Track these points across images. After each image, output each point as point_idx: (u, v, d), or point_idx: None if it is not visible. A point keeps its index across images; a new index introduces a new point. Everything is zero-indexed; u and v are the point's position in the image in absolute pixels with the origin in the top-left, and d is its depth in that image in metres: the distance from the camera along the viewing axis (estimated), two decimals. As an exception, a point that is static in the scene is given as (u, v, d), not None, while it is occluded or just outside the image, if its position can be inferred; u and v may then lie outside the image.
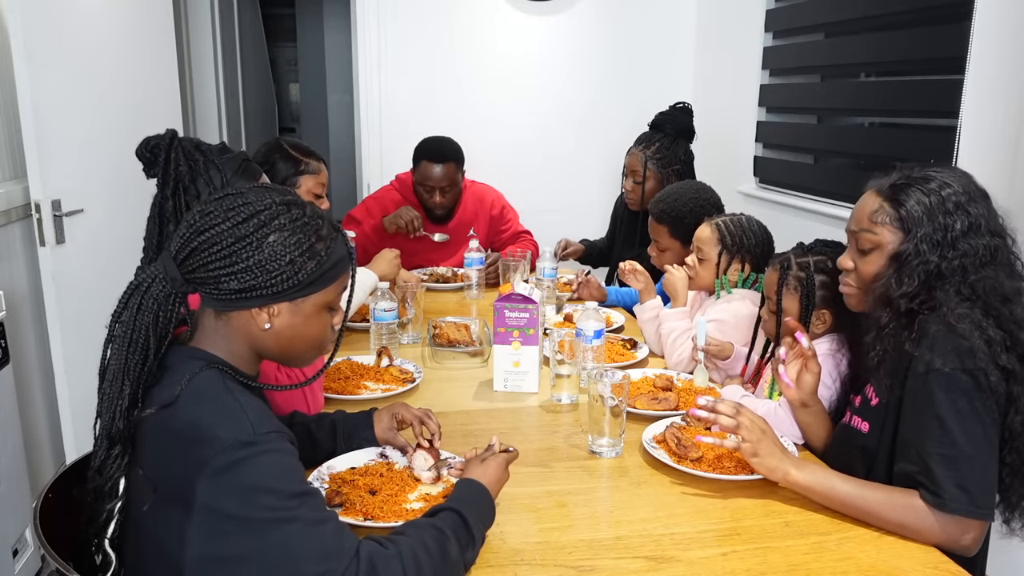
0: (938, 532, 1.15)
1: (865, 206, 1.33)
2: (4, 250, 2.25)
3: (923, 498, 1.16)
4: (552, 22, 3.55)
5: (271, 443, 0.94)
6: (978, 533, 1.16)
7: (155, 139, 1.43)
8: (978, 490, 1.14)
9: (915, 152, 2.27)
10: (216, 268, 0.99)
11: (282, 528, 0.90)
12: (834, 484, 1.23)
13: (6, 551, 2.04)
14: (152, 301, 1.00)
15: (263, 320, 1.03)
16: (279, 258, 1.00)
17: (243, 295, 1.01)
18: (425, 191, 2.77)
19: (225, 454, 0.91)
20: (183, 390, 0.97)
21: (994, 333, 1.18)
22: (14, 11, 2.03)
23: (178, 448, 0.95)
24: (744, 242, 1.93)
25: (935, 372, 1.17)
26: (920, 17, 2.31)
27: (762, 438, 1.27)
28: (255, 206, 1.01)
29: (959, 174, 1.29)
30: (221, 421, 0.94)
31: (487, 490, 1.14)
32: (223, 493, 0.90)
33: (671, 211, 2.23)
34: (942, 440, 1.16)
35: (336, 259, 1.06)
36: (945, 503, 1.14)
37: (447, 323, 2.06)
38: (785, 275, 1.57)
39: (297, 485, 0.94)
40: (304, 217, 1.03)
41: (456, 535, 1.03)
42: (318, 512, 0.93)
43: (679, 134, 2.73)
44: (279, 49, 7.49)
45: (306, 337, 1.08)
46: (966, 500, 1.13)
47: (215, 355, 1.05)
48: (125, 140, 2.67)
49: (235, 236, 0.99)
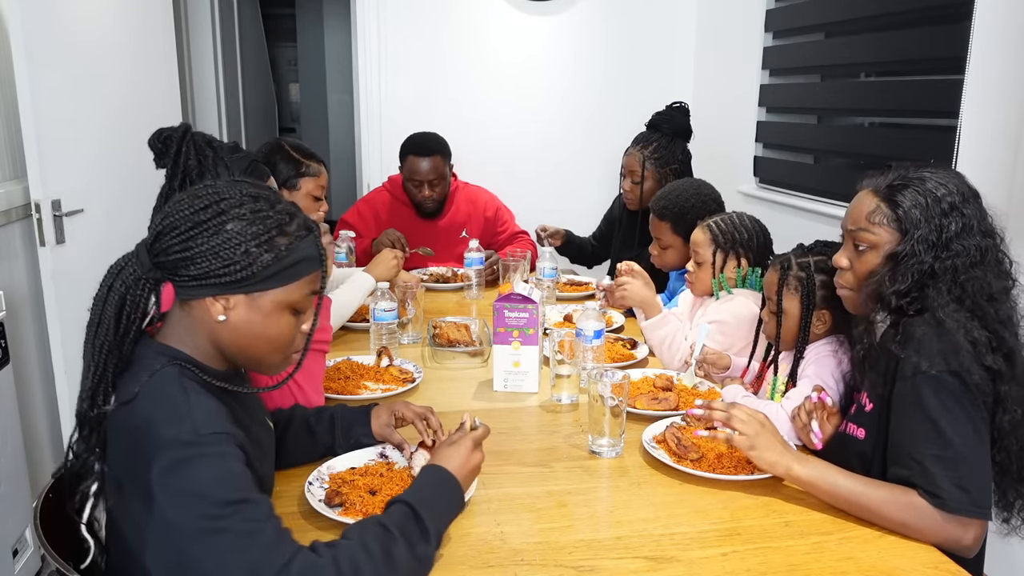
0: (939, 531, 1.15)
1: (862, 206, 1.33)
2: (4, 250, 2.25)
3: (923, 498, 1.16)
4: (552, 22, 3.55)
5: (212, 445, 0.93)
6: (979, 532, 1.16)
7: (168, 131, 1.43)
8: (976, 489, 1.14)
9: (915, 152, 2.26)
10: (176, 252, 1.00)
11: (213, 538, 0.89)
12: (837, 480, 1.23)
13: (6, 551, 2.04)
14: (122, 284, 1.01)
15: (218, 311, 1.02)
16: (234, 246, 0.99)
17: (199, 281, 1.00)
18: (414, 186, 2.78)
19: (166, 454, 0.91)
20: (142, 387, 0.97)
21: (979, 334, 1.19)
22: (14, 11, 2.03)
23: (134, 446, 0.95)
24: (736, 237, 1.93)
25: (922, 375, 1.18)
26: (920, 17, 2.31)
27: (760, 431, 1.27)
28: (220, 194, 1.01)
29: (952, 175, 1.30)
30: (166, 420, 0.94)
31: (451, 476, 1.11)
32: (165, 496, 0.90)
33: (673, 207, 2.22)
34: (936, 442, 1.16)
35: (300, 257, 1.03)
36: (946, 503, 1.14)
37: (447, 323, 2.06)
38: (785, 275, 1.57)
39: (232, 492, 0.92)
40: (269, 211, 1.02)
41: (404, 532, 0.99)
42: (251, 523, 0.91)
43: (676, 134, 2.73)
44: (279, 49, 7.48)
45: (266, 337, 1.05)
46: (966, 500, 1.14)
47: (181, 351, 1.04)
48: (125, 140, 2.69)
49: (194, 221, 0.99)
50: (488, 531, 1.18)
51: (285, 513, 1.21)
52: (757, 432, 1.27)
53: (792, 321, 1.57)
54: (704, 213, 2.15)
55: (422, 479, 1.11)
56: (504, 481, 1.34)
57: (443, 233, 2.90)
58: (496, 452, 1.45)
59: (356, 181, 4.21)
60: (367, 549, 0.95)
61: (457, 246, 2.88)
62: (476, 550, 1.13)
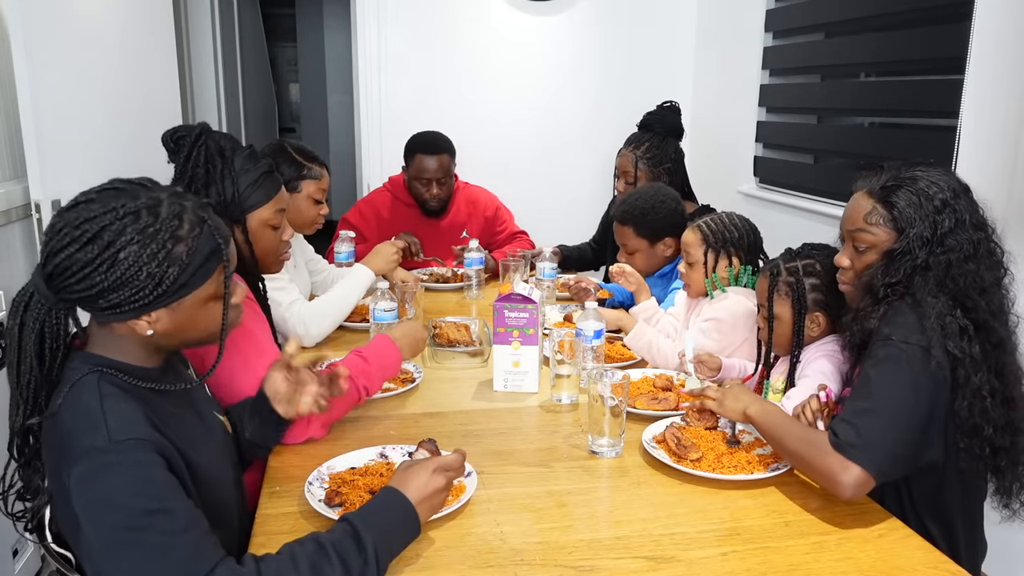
0: (820, 463, 1.22)
1: (858, 207, 1.38)
2: (4, 250, 2.25)
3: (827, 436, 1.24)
4: (552, 22, 3.55)
5: (126, 453, 0.91)
6: (859, 480, 1.19)
7: (183, 131, 1.42)
8: (872, 442, 1.20)
9: (915, 152, 2.26)
10: (78, 292, 0.97)
11: (128, 551, 0.87)
12: (776, 419, 1.32)
13: (6, 551, 2.04)
14: (32, 319, 0.98)
15: (143, 328, 1.01)
16: (135, 274, 0.96)
17: (113, 311, 0.98)
18: (421, 184, 2.78)
19: (81, 463, 0.90)
20: (64, 399, 0.96)
21: (951, 320, 1.24)
22: (14, 11, 2.03)
23: (57, 458, 0.94)
24: (727, 236, 1.93)
25: (882, 340, 1.27)
26: (920, 17, 2.31)
27: (727, 392, 1.39)
28: (100, 221, 0.95)
29: (942, 172, 1.35)
30: (80, 429, 0.93)
31: (405, 499, 1.06)
32: (80, 507, 0.89)
33: (632, 211, 2.26)
34: (862, 393, 1.25)
35: (203, 256, 1.02)
36: (838, 441, 1.21)
37: (447, 323, 2.06)
38: (775, 281, 1.58)
39: (148, 502, 0.89)
40: (156, 223, 0.98)
41: (340, 552, 0.96)
42: (166, 535, 0.89)
43: (668, 133, 2.75)
44: (279, 49, 7.49)
45: (199, 328, 1.06)
46: (856, 443, 1.19)
47: (107, 357, 1.03)
48: (125, 140, 2.68)
49: (83, 260, 0.95)
50: (488, 531, 1.18)
51: (285, 513, 1.22)
52: (724, 394, 1.40)
53: (785, 326, 1.59)
54: (664, 213, 2.22)
55: (375, 500, 1.08)
56: (504, 481, 1.34)
57: (444, 233, 2.90)
58: (496, 452, 1.45)
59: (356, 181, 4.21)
60: (296, 564, 0.93)
61: (457, 245, 2.88)
62: (476, 550, 1.13)
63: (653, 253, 2.29)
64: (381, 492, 1.09)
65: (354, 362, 1.52)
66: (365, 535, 0.99)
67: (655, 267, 2.32)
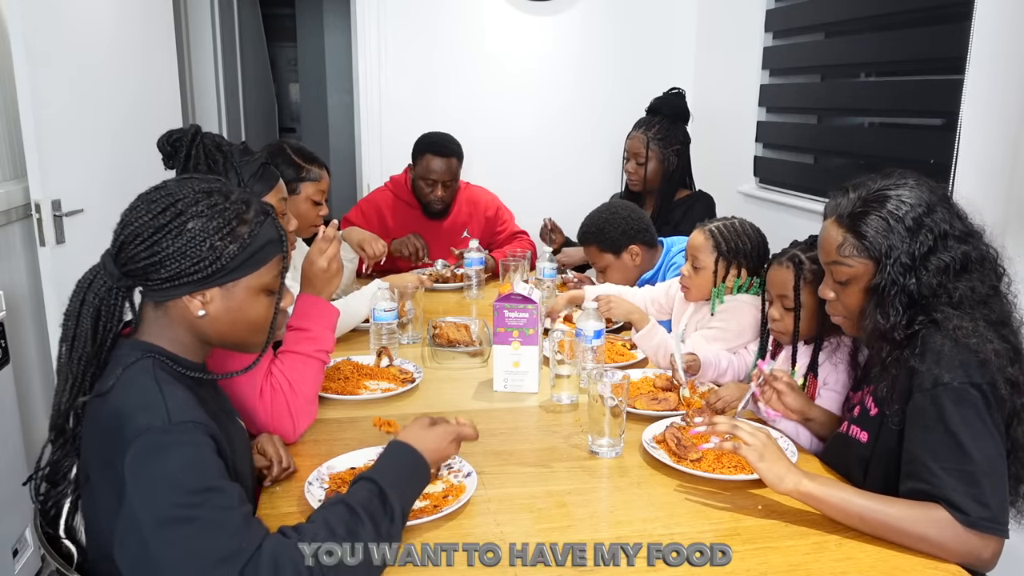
0: (960, 547, 1.12)
1: (829, 238, 1.32)
2: (4, 250, 2.25)
3: (947, 512, 1.13)
4: (552, 22, 3.54)
5: (183, 434, 0.95)
6: (997, 548, 1.13)
7: (177, 133, 1.44)
8: (996, 505, 1.12)
9: (915, 152, 2.26)
10: (143, 259, 1.02)
11: (184, 526, 0.90)
12: (850, 497, 1.18)
13: (6, 551, 2.04)
14: (94, 296, 1.04)
15: (196, 307, 1.06)
16: (199, 244, 1.03)
17: (171, 283, 1.03)
18: (427, 185, 2.78)
19: (139, 442, 0.92)
20: (117, 380, 1.00)
21: (999, 345, 1.17)
22: (14, 11, 2.03)
23: (107, 437, 0.97)
24: (739, 247, 1.91)
25: (943, 386, 1.15)
26: (920, 17, 2.31)
27: (768, 442, 1.25)
28: (175, 195, 1.04)
29: (913, 185, 1.26)
30: (139, 409, 0.96)
31: (417, 453, 1.13)
32: (136, 485, 0.91)
33: (590, 229, 2.33)
34: (958, 456, 1.13)
35: (263, 242, 1.08)
36: (970, 518, 1.11)
37: (447, 323, 2.06)
38: (800, 270, 1.58)
39: (203, 480, 0.93)
40: (224, 203, 1.06)
41: (370, 512, 1.01)
42: (221, 511, 0.92)
43: (676, 116, 2.83)
44: (279, 49, 7.48)
45: (247, 321, 1.10)
46: (988, 515, 1.11)
47: (157, 345, 1.07)
48: (125, 140, 2.68)
49: (155, 226, 1.02)
50: (488, 531, 1.18)
51: (285, 513, 1.22)
52: (765, 443, 1.24)
53: (809, 313, 1.59)
54: (619, 222, 2.28)
55: (387, 456, 1.12)
56: (504, 481, 1.34)
57: (446, 233, 2.90)
58: (496, 452, 1.45)
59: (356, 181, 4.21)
60: (333, 532, 0.97)
61: (458, 246, 2.88)
62: (476, 550, 1.13)
63: (623, 264, 2.33)
64: (396, 447, 1.13)
65: (291, 337, 1.51)
66: (389, 493, 1.04)
67: (632, 278, 2.35)
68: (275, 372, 1.45)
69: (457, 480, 1.30)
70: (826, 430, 1.49)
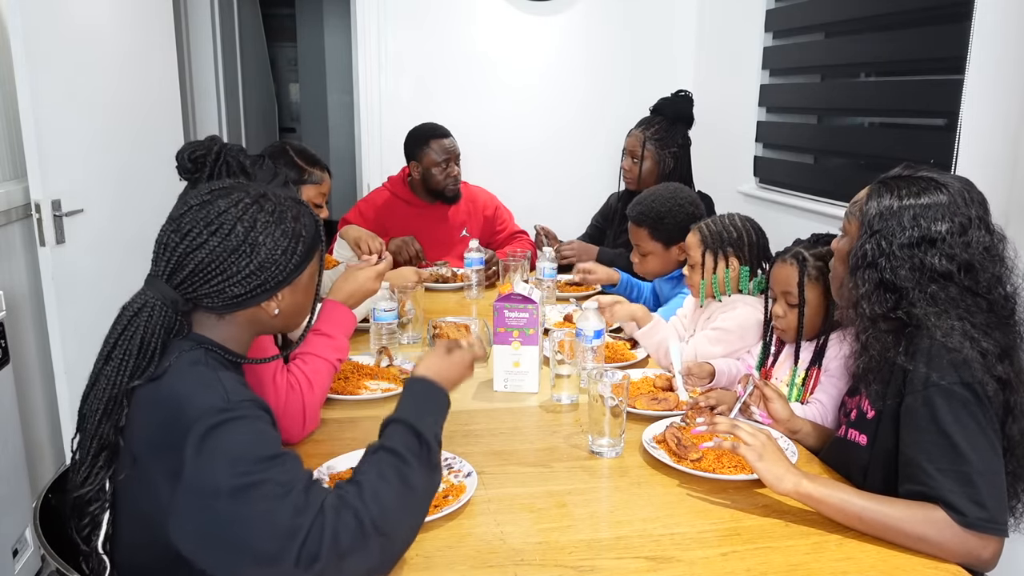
0: (959, 547, 1.12)
1: (859, 194, 1.33)
2: (4, 250, 2.25)
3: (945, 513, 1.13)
4: (552, 22, 3.54)
5: (244, 410, 0.99)
6: (996, 548, 1.13)
7: (200, 150, 1.42)
8: (994, 505, 1.12)
9: (915, 152, 2.26)
10: (218, 281, 1.05)
11: (257, 489, 0.93)
12: (849, 498, 1.18)
13: (6, 551, 2.04)
14: (158, 325, 1.05)
15: (272, 308, 1.12)
16: (275, 253, 1.08)
17: (248, 296, 1.08)
18: (440, 169, 2.81)
19: (202, 421, 0.95)
20: (171, 365, 1.02)
21: (987, 344, 1.17)
22: (14, 11, 2.03)
23: (162, 419, 0.99)
24: (724, 236, 1.91)
25: (934, 387, 1.15)
26: (920, 17, 2.31)
27: (767, 442, 1.25)
28: (233, 213, 1.06)
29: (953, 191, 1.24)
30: (198, 391, 0.99)
31: (436, 385, 1.16)
32: (204, 461, 0.94)
33: (649, 213, 2.21)
34: (952, 457, 1.13)
35: (313, 232, 1.15)
36: (967, 519, 1.11)
37: (447, 323, 2.06)
38: (804, 267, 1.59)
39: (268, 449, 0.97)
40: (279, 204, 1.10)
41: (412, 451, 1.04)
42: (288, 473, 0.96)
43: (678, 119, 2.81)
44: (279, 49, 7.48)
45: (304, 307, 1.19)
46: (985, 516, 1.11)
47: (206, 337, 1.10)
48: (125, 140, 2.69)
49: (228, 249, 1.05)
50: (488, 531, 1.18)
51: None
52: (764, 444, 1.25)
53: (812, 310, 1.60)
54: (681, 217, 2.16)
55: (413, 392, 1.15)
56: (504, 481, 1.34)
57: (444, 232, 2.90)
58: (496, 452, 1.45)
59: (356, 181, 4.21)
60: (385, 477, 1.00)
61: (457, 245, 2.88)
62: (476, 550, 1.13)
63: (667, 257, 2.24)
64: (422, 384, 1.16)
65: (318, 342, 1.55)
66: (422, 430, 1.07)
67: (668, 270, 2.29)
68: (295, 371, 1.47)
69: (457, 480, 1.30)
70: (812, 441, 1.49)
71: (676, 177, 2.76)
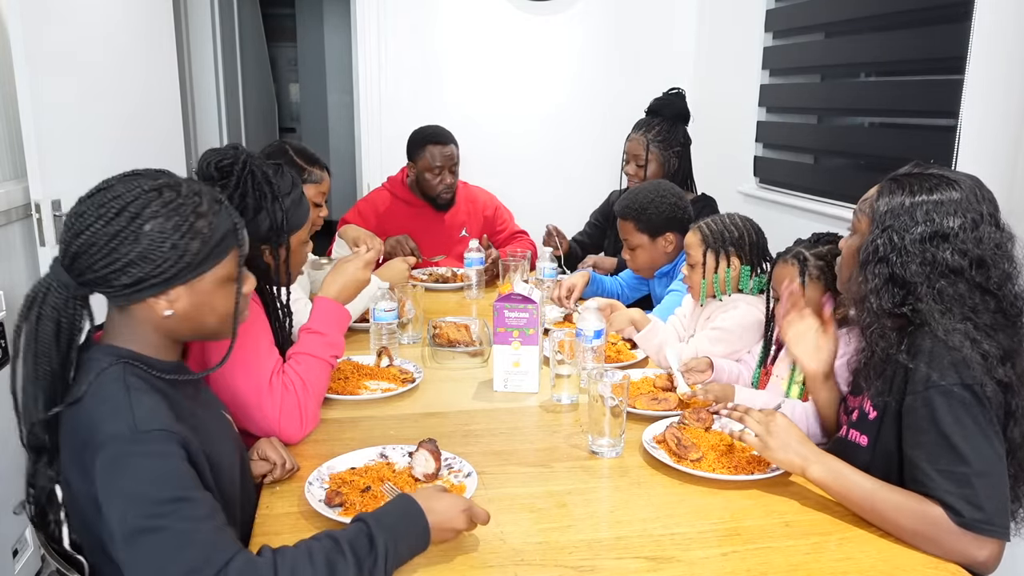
0: (953, 545, 1.12)
1: (870, 191, 1.33)
2: (4, 250, 2.25)
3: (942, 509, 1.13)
4: (552, 22, 3.54)
5: (151, 443, 0.93)
6: (994, 549, 1.12)
7: (226, 159, 1.40)
8: (992, 507, 1.11)
9: (915, 152, 2.25)
10: (102, 267, 0.99)
11: (151, 537, 0.88)
12: (853, 481, 1.20)
13: (6, 551, 2.04)
14: (51, 309, 1.01)
15: (162, 307, 1.04)
16: (160, 245, 1.00)
17: (134, 287, 1.01)
18: (434, 175, 2.80)
19: (106, 451, 0.91)
20: (88, 388, 0.98)
21: (989, 346, 1.16)
22: (14, 12, 2.03)
23: (80, 445, 0.96)
24: (725, 235, 1.91)
25: (934, 387, 1.15)
26: (920, 17, 2.31)
27: (773, 429, 1.27)
28: (124, 198, 1.00)
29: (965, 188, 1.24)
30: (105, 418, 0.95)
31: (423, 516, 1.06)
32: (105, 495, 0.91)
33: (633, 205, 2.25)
34: (951, 458, 1.13)
35: (222, 233, 1.06)
36: (963, 519, 1.11)
37: (447, 323, 2.06)
38: (804, 266, 1.60)
39: (170, 490, 0.91)
40: (178, 198, 1.02)
41: (354, 549, 0.97)
42: (190, 521, 0.90)
43: (676, 117, 2.78)
44: (279, 49, 7.48)
45: (215, 313, 1.09)
46: (981, 517, 1.11)
47: (127, 349, 1.05)
48: (125, 140, 2.68)
49: (110, 233, 0.99)
50: (488, 531, 1.18)
51: (285, 513, 1.22)
52: (769, 431, 1.27)
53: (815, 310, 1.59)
54: (664, 208, 2.21)
55: (393, 504, 1.08)
56: (504, 481, 1.34)
57: (444, 232, 2.90)
58: (496, 452, 1.45)
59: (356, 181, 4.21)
60: (312, 558, 0.94)
61: (457, 245, 2.88)
62: (476, 550, 1.13)
63: (655, 249, 2.27)
64: (401, 499, 1.08)
65: (310, 340, 1.54)
66: (378, 536, 1.00)
67: (657, 263, 2.30)
68: (289, 372, 1.46)
69: (457, 480, 1.30)
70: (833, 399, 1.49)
71: (679, 177, 2.76)
